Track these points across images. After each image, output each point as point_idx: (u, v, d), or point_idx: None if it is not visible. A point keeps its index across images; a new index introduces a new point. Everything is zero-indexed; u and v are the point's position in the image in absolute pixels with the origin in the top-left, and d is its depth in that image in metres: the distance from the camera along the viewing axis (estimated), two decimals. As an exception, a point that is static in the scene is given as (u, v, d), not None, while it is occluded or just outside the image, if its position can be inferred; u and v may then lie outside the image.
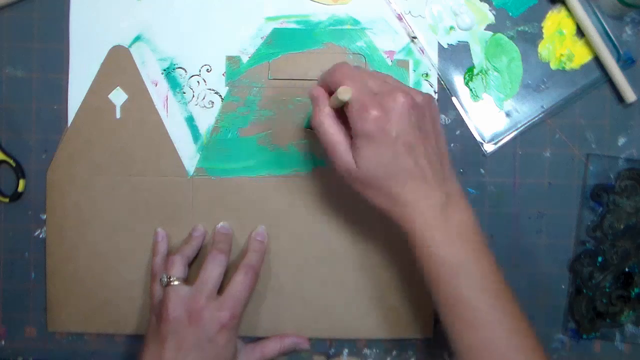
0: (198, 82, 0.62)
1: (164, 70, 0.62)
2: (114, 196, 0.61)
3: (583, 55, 0.62)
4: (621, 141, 0.62)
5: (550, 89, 0.62)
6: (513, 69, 0.62)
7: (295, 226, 0.61)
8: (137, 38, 0.62)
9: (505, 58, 0.62)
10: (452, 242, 0.49)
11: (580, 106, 0.62)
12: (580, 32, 0.61)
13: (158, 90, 0.61)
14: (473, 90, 0.62)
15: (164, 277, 0.56)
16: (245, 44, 0.62)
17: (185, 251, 0.58)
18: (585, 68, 0.62)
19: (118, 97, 0.61)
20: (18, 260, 0.62)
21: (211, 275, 0.55)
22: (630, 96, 0.60)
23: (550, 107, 0.62)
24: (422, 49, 0.61)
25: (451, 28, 0.62)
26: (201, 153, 0.61)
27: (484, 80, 0.62)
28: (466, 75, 0.62)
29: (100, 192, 0.61)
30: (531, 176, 0.62)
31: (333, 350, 0.62)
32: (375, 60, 0.61)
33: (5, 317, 0.62)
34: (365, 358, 0.62)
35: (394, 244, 0.61)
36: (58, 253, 0.61)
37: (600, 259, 0.61)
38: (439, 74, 0.61)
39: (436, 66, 0.61)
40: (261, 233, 0.60)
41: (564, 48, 0.62)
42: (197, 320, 0.53)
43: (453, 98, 0.61)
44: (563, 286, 0.62)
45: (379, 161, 0.48)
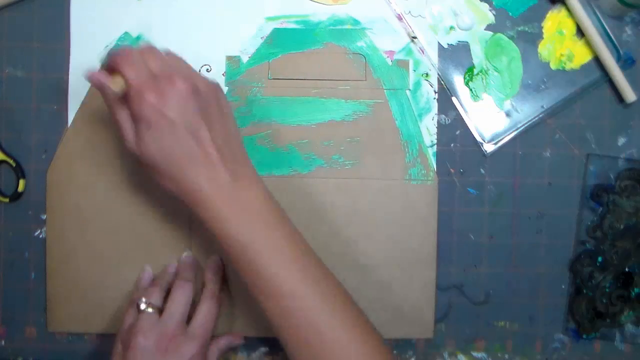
0: (198, 82, 0.61)
1: (164, 70, 0.62)
2: (114, 196, 0.61)
3: (583, 55, 0.62)
4: (621, 141, 0.62)
5: (550, 89, 0.62)
6: (513, 69, 0.62)
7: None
8: (138, 38, 0.61)
9: (505, 58, 0.62)
10: (241, 220, 0.49)
11: (580, 106, 0.62)
12: (580, 32, 0.61)
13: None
14: (473, 90, 0.62)
15: (142, 302, 0.55)
16: (245, 44, 0.62)
17: (163, 284, 0.58)
18: (585, 68, 0.62)
19: (118, 97, 0.61)
20: (18, 260, 0.62)
21: (179, 305, 0.55)
22: (630, 96, 0.60)
23: (550, 107, 0.62)
24: (422, 49, 0.61)
25: (451, 28, 0.61)
26: (201, 153, 0.61)
27: (484, 80, 0.62)
28: (466, 75, 0.61)
29: (100, 192, 0.61)
30: (531, 176, 0.62)
31: (333, 350, 0.62)
32: (375, 60, 0.61)
33: (5, 317, 0.62)
34: (365, 358, 0.62)
35: (394, 244, 0.61)
36: (58, 253, 0.61)
37: (600, 259, 0.61)
38: (439, 74, 0.61)
39: (436, 66, 0.61)
40: (214, 259, 0.60)
41: (564, 48, 0.62)
42: (165, 351, 0.52)
43: (453, 98, 0.61)
44: (563, 286, 0.62)
45: (159, 146, 0.48)
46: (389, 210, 0.61)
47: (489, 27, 0.62)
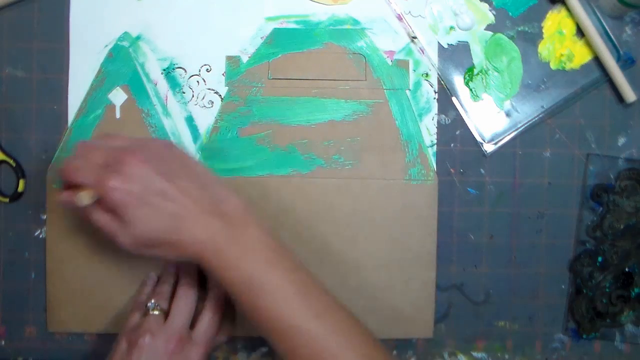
0: (198, 82, 0.62)
1: (164, 70, 0.62)
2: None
3: (583, 55, 0.62)
4: (621, 141, 0.62)
5: (550, 89, 0.62)
6: (513, 69, 0.62)
7: (295, 226, 0.61)
8: (137, 38, 0.62)
9: (505, 58, 0.62)
10: (240, 262, 0.50)
11: (580, 106, 0.62)
12: (580, 32, 0.61)
13: (158, 89, 0.62)
14: (473, 90, 0.62)
15: (151, 304, 0.55)
16: (245, 44, 0.62)
17: (168, 286, 0.58)
18: (585, 68, 0.62)
19: (118, 97, 0.61)
20: (18, 260, 0.62)
21: (184, 309, 0.55)
22: (630, 96, 0.60)
23: (550, 107, 0.62)
24: (422, 49, 0.61)
25: (451, 28, 0.61)
26: (200, 153, 0.61)
27: (484, 80, 0.62)
28: (466, 75, 0.61)
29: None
30: (531, 176, 0.62)
31: (333, 350, 0.62)
32: (375, 60, 0.61)
33: (5, 317, 0.62)
34: (365, 358, 0.62)
35: (394, 244, 0.61)
36: (58, 253, 0.61)
37: (600, 259, 0.61)
38: (439, 74, 0.61)
39: (436, 66, 0.61)
40: None
41: (564, 48, 0.62)
42: (171, 353, 0.53)
43: (453, 98, 0.61)
44: (563, 286, 0.62)
45: (143, 221, 0.49)
46: (389, 210, 0.61)
47: (489, 27, 0.62)
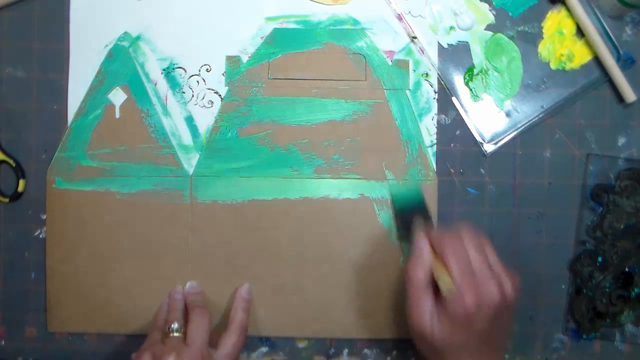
0: (197, 82, 0.62)
1: (164, 70, 0.62)
2: (113, 196, 0.61)
3: (583, 55, 0.62)
4: (621, 141, 0.62)
5: (550, 89, 0.62)
6: (513, 69, 0.62)
7: (295, 226, 0.61)
8: (137, 38, 0.62)
9: (505, 58, 0.62)
10: None
11: (580, 106, 0.62)
12: (580, 32, 0.61)
13: (158, 89, 0.62)
14: (473, 90, 0.61)
15: (174, 325, 0.55)
16: (245, 44, 0.62)
17: (179, 311, 0.58)
18: (585, 68, 0.62)
19: (117, 97, 0.61)
20: (18, 260, 0.62)
21: (201, 329, 0.55)
22: (630, 96, 0.60)
23: (550, 107, 0.61)
24: (422, 49, 0.61)
25: (451, 28, 0.61)
26: (200, 153, 0.61)
27: (484, 80, 0.62)
28: (466, 75, 0.61)
29: (100, 192, 0.61)
30: (531, 176, 0.62)
31: (333, 350, 0.62)
32: (375, 60, 0.61)
33: (5, 317, 0.62)
34: (365, 358, 0.62)
35: (394, 244, 0.61)
36: (58, 253, 0.61)
37: (600, 259, 0.61)
38: (439, 74, 0.61)
39: (436, 66, 0.61)
40: (246, 289, 0.60)
41: (564, 48, 0.62)
42: None
43: (453, 98, 0.61)
44: (563, 286, 0.62)
45: (454, 339, 0.50)
46: (389, 210, 0.61)
47: (489, 27, 0.62)
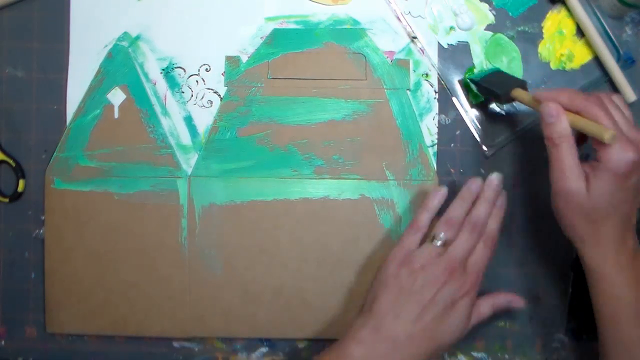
0: (197, 82, 0.62)
1: (163, 69, 0.62)
2: (112, 196, 0.61)
3: (583, 55, 0.62)
4: (621, 141, 0.62)
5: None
6: (513, 69, 0.62)
7: (295, 227, 0.61)
8: (137, 38, 0.62)
9: (505, 58, 0.62)
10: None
11: (580, 106, 0.62)
12: (580, 32, 0.61)
13: (157, 89, 0.62)
14: (473, 90, 0.61)
15: (441, 236, 0.55)
16: (244, 44, 0.62)
17: (462, 213, 0.57)
18: (585, 68, 0.62)
19: (116, 97, 0.61)
20: (18, 260, 0.62)
21: (467, 244, 0.54)
22: (630, 96, 0.60)
23: (550, 107, 0.61)
24: (422, 49, 0.61)
25: (451, 28, 0.61)
26: (199, 153, 0.61)
27: (484, 80, 0.61)
28: (466, 75, 0.61)
29: (98, 193, 0.61)
30: (531, 176, 0.62)
31: (333, 350, 0.62)
32: (375, 59, 0.61)
33: (5, 317, 0.62)
34: (365, 358, 0.62)
35: (394, 244, 0.61)
36: (57, 254, 0.61)
37: (600, 259, 0.60)
38: (439, 74, 0.61)
39: (436, 66, 0.61)
40: (497, 178, 0.57)
41: (564, 48, 0.62)
42: (445, 282, 0.53)
43: (453, 98, 0.61)
44: (563, 286, 0.62)
45: (610, 199, 0.49)
46: (389, 210, 0.61)
47: (489, 27, 0.62)
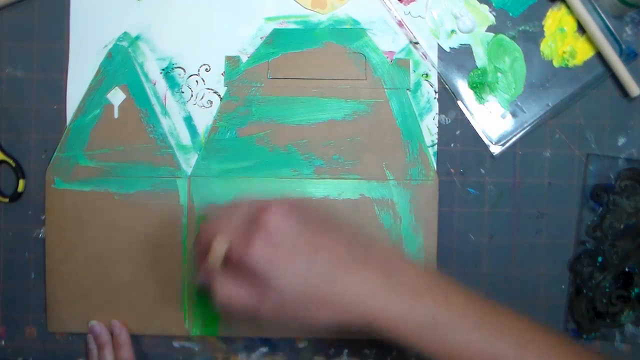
0: (197, 82, 0.61)
1: (163, 69, 0.61)
2: (112, 196, 0.61)
3: (585, 51, 0.61)
4: (621, 141, 0.62)
5: (554, 87, 0.61)
6: (516, 69, 0.61)
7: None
8: (137, 38, 0.61)
9: (508, 58, 0.61)
10: (413, 308, 0.44)
11: (580, 106, 0.62)
12: (581, 29, 0.61)
13: (156, 89, 0.61)
14: (478, 92, 0.61)
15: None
16: (244, 44, 0.62)
17: None
18: (588, 64, 0.62)
19: (116, 97, 0.61)
20: (18, 260, 0.62)
21: None
22: (634, 90, 0.60)
23: (556, 105, 0.61)
24: (425, 54, 0.61)
25: (452, 31, 0.61)
26: (199, 153, 0.61)
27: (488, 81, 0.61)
28: (470, 77, 0.61)
29: (98, 193, 0.61)
30: (531, 176, 0.62)
31: (333, 350, 0.62)
32: (375, 59, 0.61)
33: (5, 317, 0.62)
34: (365, 358, 0.62)
35: (394, 244, 0.61)
36: (57, 253, 0.61)
37: (600, 259, 0.61)
38: (443, 78, 0.61)
39: (436, 67, 0.61)
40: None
41: (566, 45, 0.61)
42: None
43: (458, 102, 0.61)
44: (563, 286, 0.62)
45: (294, 278, 0.43)
46: (389, 210, 0.61)
47: (490, 29, 0.61)
